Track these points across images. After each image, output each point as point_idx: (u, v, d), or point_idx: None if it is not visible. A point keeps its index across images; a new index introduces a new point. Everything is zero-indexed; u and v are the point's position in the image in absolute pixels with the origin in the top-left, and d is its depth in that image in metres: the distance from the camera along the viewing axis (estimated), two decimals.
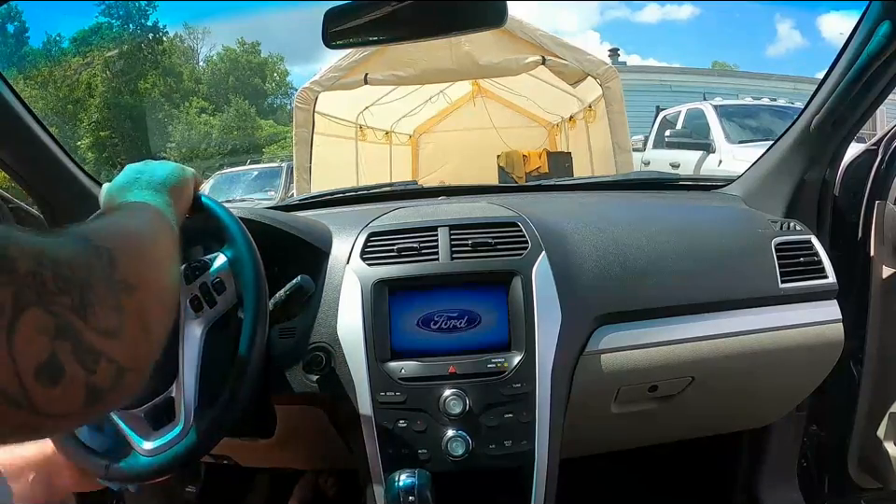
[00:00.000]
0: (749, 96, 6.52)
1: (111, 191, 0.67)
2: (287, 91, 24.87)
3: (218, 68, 23.91)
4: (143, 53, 20.22)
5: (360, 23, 0.77)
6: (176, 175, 0.70)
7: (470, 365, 0.85)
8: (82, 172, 1.13)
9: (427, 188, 1.65)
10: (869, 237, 1.11)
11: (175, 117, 20.00)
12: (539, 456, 0.82)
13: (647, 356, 0.93)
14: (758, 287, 0.99)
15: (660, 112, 6.43)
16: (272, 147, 17.57)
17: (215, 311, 0.70)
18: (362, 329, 0.86)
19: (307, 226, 0.98)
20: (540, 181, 3.36)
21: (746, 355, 0.97)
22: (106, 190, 0.69)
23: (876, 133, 1.17)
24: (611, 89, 4.46)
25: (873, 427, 1.15)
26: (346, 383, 0.85)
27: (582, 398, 0.91)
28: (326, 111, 4.89)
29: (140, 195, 0.63)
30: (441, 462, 0.81)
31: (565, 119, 6.47)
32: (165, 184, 0.67)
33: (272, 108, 24.46)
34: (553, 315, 0.87)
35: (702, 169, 4.88)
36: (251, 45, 24.67)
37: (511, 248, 0.91)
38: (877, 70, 0.93)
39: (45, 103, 16.74)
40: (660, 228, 1.02)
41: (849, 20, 1.78)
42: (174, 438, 0.65)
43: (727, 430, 1.17)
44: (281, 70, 26.10)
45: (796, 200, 1.12)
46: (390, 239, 0.94)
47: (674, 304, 0.95)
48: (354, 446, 0.86)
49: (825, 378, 1.05)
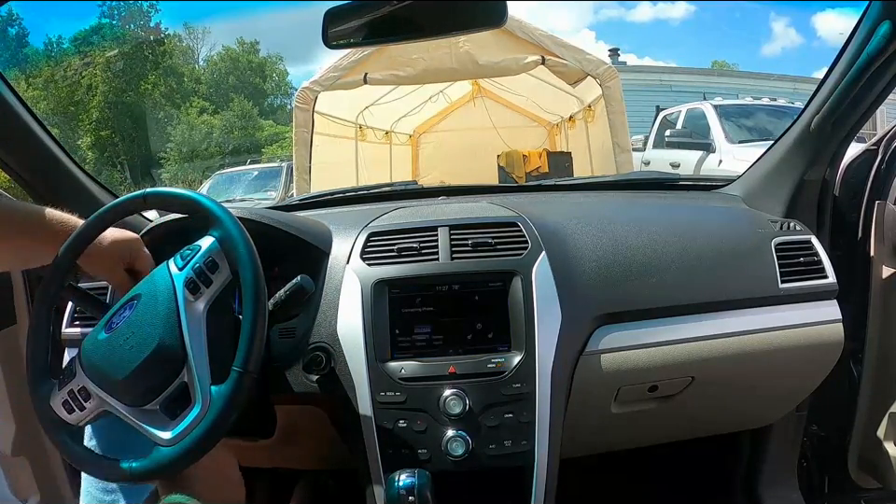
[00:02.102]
0: (750, 96, 6.50)
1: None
2: (287, 91, 24.88)
3: (218, 68, 23.89)
4: (143, 53, 20.21)
5: (360, 23, 0.77)
6: None
7: (470, 365, 0.85)
8: (82, 172, 1.13)
9: (426, 188, 1.65)
10: (869, 237, 1.11)
11: (175, 117, 19.99)
12: (539, 456, 0.82)
13: (647, 356, 0.93)
14: (758, 287, 0.99)
15: (660, 112, 6.42)
16: (271, 146, 17.57)
17: (212, 290, 0.70)
18: (362, 329, 0.86)
19: (307, 226, 0.98)
20: (540, 181, 3.36)
21: (746, 355, 0.97)
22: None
23: (876, 132, 1.17)
24: (611, 88, 4.45)
25: (873, 427, 1.15)
26: (346, 383, 0.85)
27: (582, 398, 0.91)
28: (325, 111, 4.89)
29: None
30: (441, 462, 0.81)
31: (564, 119, 6.47)
32: None
33: (271, 108, 24.45)
34: (553, 315, 0.87)
35: (702, 169, 4.87)
36: (251, 44, 24.66)
37: (511, 248, 0.91)
38: (877, 70, 0.93)
39: (46, 103, 16.75)
40: (660, 228, 1.02)
41: (845, 18, 1.77)
42: (194, 419, 0.65)
43: (727, 430, 1.17)
44: (280, 70, 26.11)
45: (796, 200, 1.11)
46: (390, 239, 0.94)
47: (674, 304, 0.95)
48: (354, 446, 0.86)
49: (825, 378, 1.05)
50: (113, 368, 0.67)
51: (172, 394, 0.67)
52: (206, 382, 0.67)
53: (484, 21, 0.80)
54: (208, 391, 0.66)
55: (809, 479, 1.26)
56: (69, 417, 0.70)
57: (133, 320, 0.68)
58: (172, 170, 16.93)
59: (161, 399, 0.67)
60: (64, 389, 0.69)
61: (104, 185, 1.17)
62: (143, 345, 0.66)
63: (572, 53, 4.38)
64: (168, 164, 17.36)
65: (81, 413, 0.69)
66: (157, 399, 0.67)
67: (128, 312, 0.69)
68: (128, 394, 0.67)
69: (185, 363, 0.67)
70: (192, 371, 0.67)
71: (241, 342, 0.67)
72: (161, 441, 0.66)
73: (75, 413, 0.69)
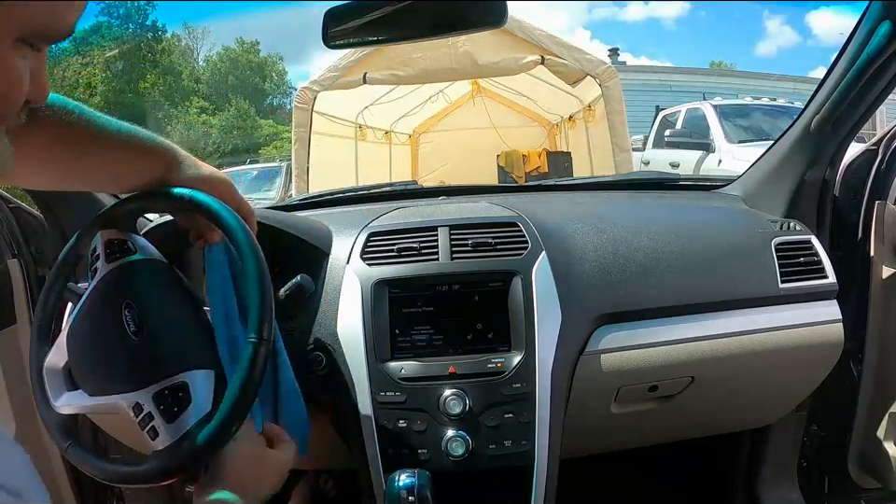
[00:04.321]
0: (749, 96, 6.51)
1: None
2: (287, 91, 24.85)
3: (218, 68, 23.86)
4: (142, 53, 20.19)
5: (360, 23, 0.77)
6: None
7: (470, 365, 0.85)
8: None
9: (426, 188, 1.65)
10: (869, 237, 1.11)
11: (174, 116, 19.98)
12: (539, 456, 0.82)
13: (647, 356, 0.93)
14: (758, 287, 0.99)
15: (660, 112, 6.43)
16: (271, 146, 17.56)
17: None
18: (362, 329, 0.86)
19: (307, 226, 0.98)
20: (540, 181, 3.37)
21: (746, 355, 0.97)
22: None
23: (876, 132, 1.17)
24: (611, 88, 4.45)
25: (873, 427, 1.15)
26: (346, 383, 0.85)
27: (582, 397, 0.91)
28: (325, 111, 4.88)
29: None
30: (440, 462, 0.81)
31: (564, 119, 6.46)
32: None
33: (271, 108, 24.44)
34: (553, 315, 0.87)
35: (702, 169, 4.87)
36: (251, 44, 24.62)
37: (511, 248, 0.91)
38: (877, 70, 0.93)
39: None
40: (660, 228, 1.01)
41: (840, 16, 1.75)
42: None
43: (727, 430, 1.17)
44: (280, 69, 26.09)
45: (796, 200, 1.11)
46: (390, 239, 0.94)
47: (674, 304, 0.95)
48: (354, 446, 0.86)
49: (825, 378, 1.05)
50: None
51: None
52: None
53: (484, 21, 0.80)
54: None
55: (809, 479, 1.26)
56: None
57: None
58: None
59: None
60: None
61: None
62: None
63: (572, 53, 4.37)
64: None
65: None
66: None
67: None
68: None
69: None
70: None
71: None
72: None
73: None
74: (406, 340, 0.87)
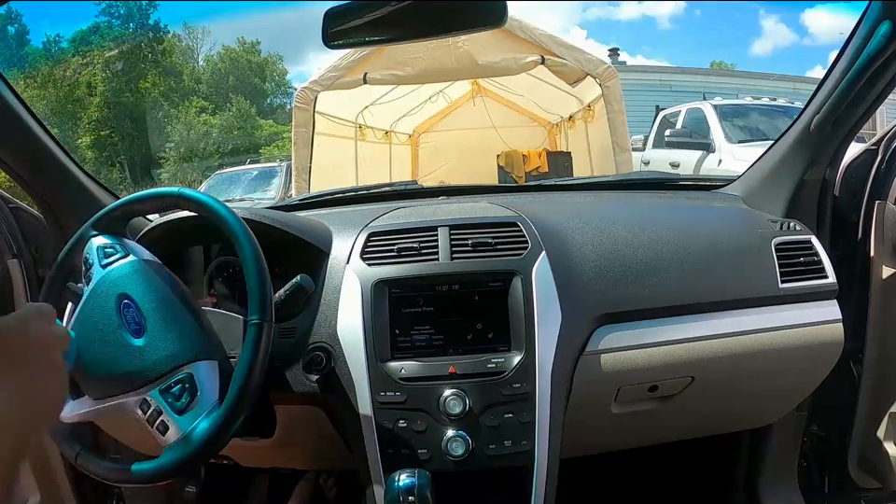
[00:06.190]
0: (749, 96, 6.50)
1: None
2: (287, 91, 24.84)
3: (218, 68, 23.86)
4: (143, 53, 20.18)
5: (360, 23, 0.77)
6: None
7: (470, 365, 0.85)
8: (82, 171, 1.13)
9: (426, 188, 1.65)
10: (869, 237, 1.11)
11: (174, 116, 19.97)
12: (539, 456, 0.82)
13: (647, 356, 0.93)
14: (758, 287, 0.99)
15: (660, 112, 6.42)
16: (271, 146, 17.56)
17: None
18: (362, 329, 0.86)
19: (307, 226, 0.98)
20: (540, 181, 3.36)
21: (746, 355, 0.97)
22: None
23: (876, 132, 1.17)
24: (610, 88, 4.45)
25: (873, 427, 1.15)
26: (346, 383, 0.85)
27: (582, 397, 0.91)
28: (325, 111, 4.88)
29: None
30: (440, 462, 0.81)
31: (564, 119, 6.46)
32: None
33: (271, 108, 24.43)
34: (553, 315, 0.87)
35: (702, 169, 4.87)
36: (251, 44, 24.63)
37: (511, 248, 0.91)
38: (877, 70, 0.93)
39: (45, 102, 16.71)
40: (660, 228, 1.01)
41: (836, 15, 1.74)
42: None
43: (727, 430, 1.17)
44: (280, 69, 26.09)
45: (796, 200, 1.11)
46: (390, 239, 0.94)
47: (674, 304, 0.95)
48: (354, 446, 0.86)
49: (825, 378, 1.05)
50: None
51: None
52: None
53: (484, 21, 0.80)
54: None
55: (809, 479, 1.26)
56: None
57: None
58: (171, 169, 16.93)
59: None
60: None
61: (104, 185, 1.17)
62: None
63: (572, 53, 4.38)
64: (167, 164, 17.35)
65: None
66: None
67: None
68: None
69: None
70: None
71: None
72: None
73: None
74: (406, 340, 0.87)
